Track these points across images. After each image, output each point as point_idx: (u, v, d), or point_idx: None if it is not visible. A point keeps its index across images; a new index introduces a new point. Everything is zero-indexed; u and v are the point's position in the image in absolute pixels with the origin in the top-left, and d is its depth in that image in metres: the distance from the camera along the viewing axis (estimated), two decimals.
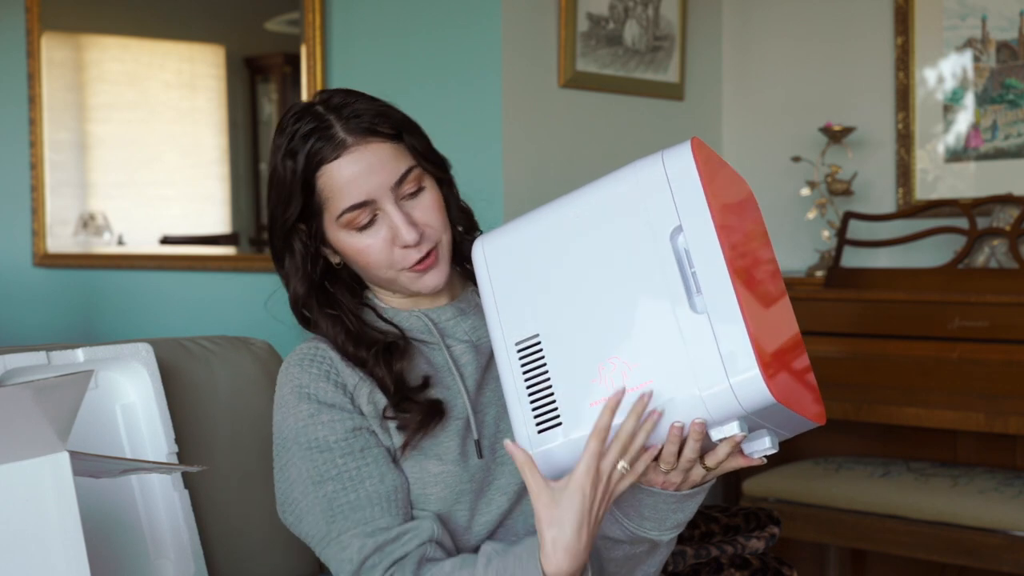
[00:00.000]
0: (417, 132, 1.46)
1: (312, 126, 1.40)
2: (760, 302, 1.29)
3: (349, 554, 1.39)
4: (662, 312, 1.26)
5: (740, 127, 3.64)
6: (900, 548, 2.70)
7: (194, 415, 1.90)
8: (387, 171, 1.40)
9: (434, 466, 1.44)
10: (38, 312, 4.25)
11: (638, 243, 1.29)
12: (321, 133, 1.40)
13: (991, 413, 2.56)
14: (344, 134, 1.39)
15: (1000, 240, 2.94)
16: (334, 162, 1.40)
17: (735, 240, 1.29)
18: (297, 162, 1.41)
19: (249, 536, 1.94)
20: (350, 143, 1.39)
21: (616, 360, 1.27)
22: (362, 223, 1.42)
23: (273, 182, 1.45)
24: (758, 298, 1.29)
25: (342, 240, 1.44)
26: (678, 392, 1.24)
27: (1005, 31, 3.16)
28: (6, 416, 1.12)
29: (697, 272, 1.25)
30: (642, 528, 1.37)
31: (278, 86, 3.69)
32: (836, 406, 2.77)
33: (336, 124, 1.40)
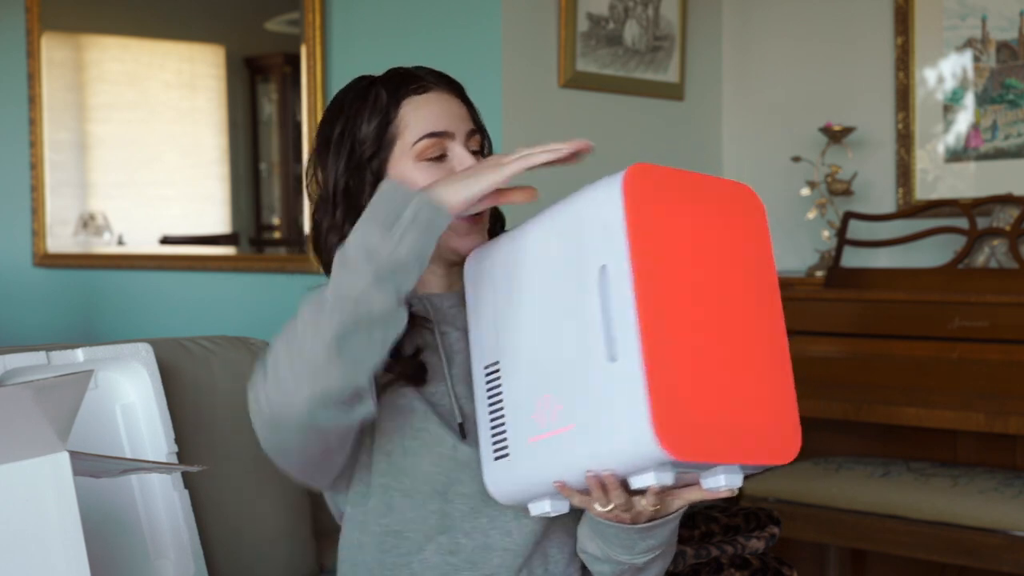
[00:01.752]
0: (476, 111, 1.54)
1: (401, 72, 1.50)
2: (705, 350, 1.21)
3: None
4: (585, 355, 1.21)
5: (740, 127, 3.64)
6: (900, 548, 2.70)
7: (194, 415, 1.90)
8: (463, 121, 1.48)
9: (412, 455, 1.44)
10: (38, 312, 4.25)
11: (573, 278, 1.24)
12: (409, 75, 1.49)
13: (991, 413, 2.56)
14: (431, 80, 1.49)
15: (1000, 240, 2.94)
16: (420, 95, 1.47)
17: (681, 281, 1.21)
18: (385, 90, 1.49)
19: (249, 536, 1.94)
20: (435, 87, 1.49)
21: (549, 399, 1.24)
22: (433, 155, 1.45)
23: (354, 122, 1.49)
24: (702, 346, 1.20)
25: (407, 173, 1.44)
26: (589, 442, 1.20)
27: (1005, 31, 3.16)
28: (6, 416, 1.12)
29: (614, 319, 1.19)
30: (614, 552, 1.37)
31: (278, 86, 3.69)
32: (836, 406, 2.77)
33: (428, 74, 1.50)
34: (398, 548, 1.45)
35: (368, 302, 1.24)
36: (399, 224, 1.25)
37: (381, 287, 1.24)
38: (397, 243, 1.25)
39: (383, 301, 1.25)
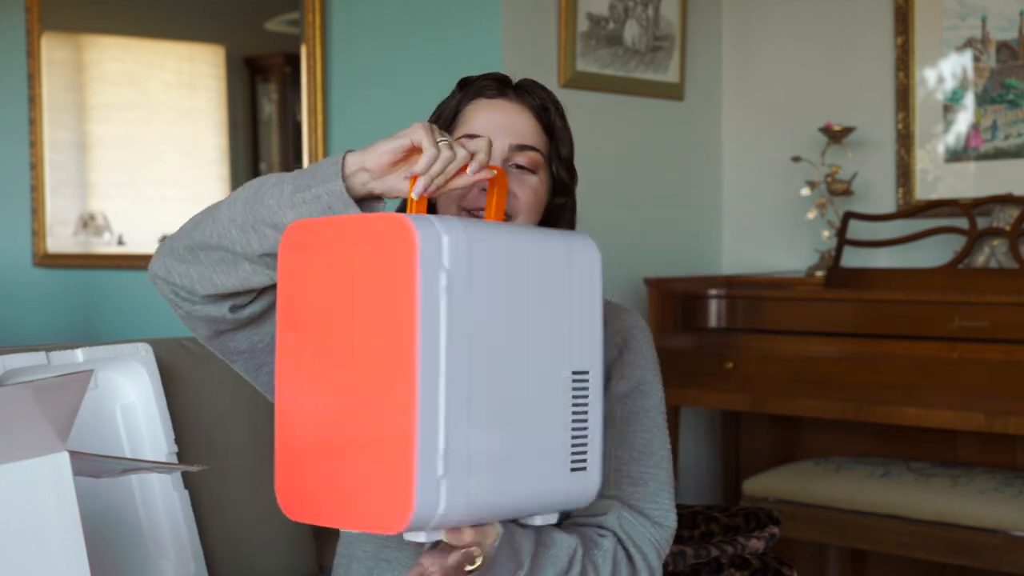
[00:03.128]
0: (569, 143, 1.55)
1: (494, 77, 1.55)
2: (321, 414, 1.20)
3: None
4: None
5: (740, 127, 3.64)
6: (900, 548, 2.71)
7: (194, 415, 1.90)
8: (518, 133, 1.49)
9: None
10: (38, 312, 4.25)
11: None
12: (495, 82, 1.53)
13: (991, 413, 2.56)
14: (510, 92, 1.53)
15: (1000, 240, 2.94)
16: (487, 100, 1.51)
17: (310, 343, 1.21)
18: (463, 90, 1.54)
19: (249, 536, 1.94)
20: (510, 96, 1.52)
21: None
22: None
23: (439, 105, 1.56)
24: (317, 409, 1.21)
25: None
26: None
27: (1005, 31, 3.16)
28: (6, 416, 1.12)
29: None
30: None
31: (278, 86, 3.69)
32: (836, 406, 2.77)
33: (509, 86, 1.54)
34: None
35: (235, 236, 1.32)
36: (305, 195, 1.28)
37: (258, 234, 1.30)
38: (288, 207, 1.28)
39: (251, 245, 1.31)
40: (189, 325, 1.44)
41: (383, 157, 1.26)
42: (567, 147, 1.54)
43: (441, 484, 1.14)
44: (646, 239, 3.39)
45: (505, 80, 1.54)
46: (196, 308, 1.39)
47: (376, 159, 1.26)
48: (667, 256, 3.45)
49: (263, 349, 1.43)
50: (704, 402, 2.99)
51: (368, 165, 1.27)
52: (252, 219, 1.30)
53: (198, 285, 1.36)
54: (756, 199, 3.62)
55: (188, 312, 1.41)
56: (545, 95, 1.54)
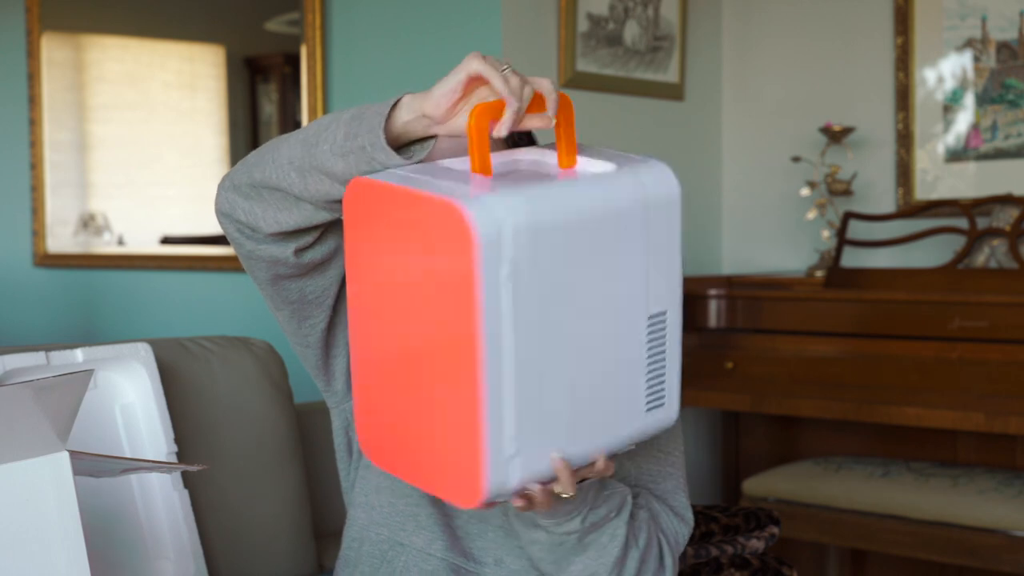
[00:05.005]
0: None
1: None
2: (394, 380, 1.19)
3: None
4: None
5: (740, 127, 3.64)
6: (900, 548, 2.71)
7: (194, 415, 1.91)
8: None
9: None
10: (38, 312, 4.25)
11: None
12: None
13: (991, 413, 2.56)
14: None
15: (1000, 240, 2.94)
16: None
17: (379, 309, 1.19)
18: None
19: (249, 536, 1.94)
20: None
21: None
22: None
23: None
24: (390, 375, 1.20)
25: None
26: None
27: (1005, 31, 3.16)
28: (6, 416, 1.12)
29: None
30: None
31: (278, 86, 3.69)
32: (836, 406, 2.77)
33: None
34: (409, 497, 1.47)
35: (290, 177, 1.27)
36: (352, 144, 1.22)
37: (306, 176, 1.26)
38: (337, 156, 1.24)
39: (307, 187, 1.27)
40: (248, 266, 1.39)
41: (442, 101, 1.19)
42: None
43: (512, 462, 1.13)
44: None
45: None
46: (260, 247, 1.34)
47: (435, 105, 1.19)
48: None
49: (312, 300, 1.41)
50: (704, 402, 2.99)
51: (428, 111, 1.20)
52: (308, 163, 1.25)
53: (262, 223, 1.32)
54: (756, 199, 3.62)
55: (251, 251, 1.35)
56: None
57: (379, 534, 1.50)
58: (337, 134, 1.23)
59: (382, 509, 1.49)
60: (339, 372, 1.49)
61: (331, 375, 1.50)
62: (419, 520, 1.47)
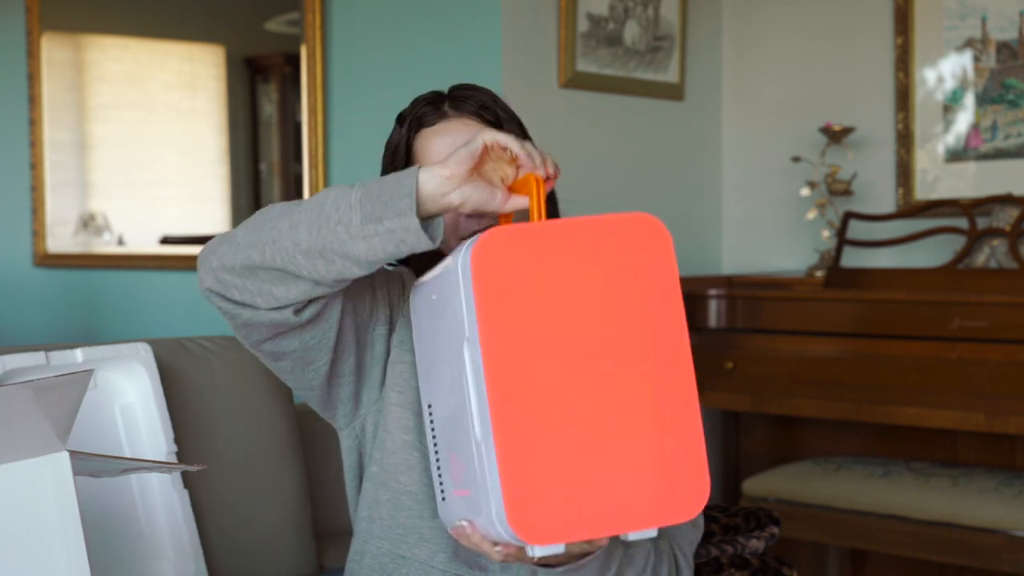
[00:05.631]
0: (520, 128, 1.55)
1: (426, 101, 1.55)
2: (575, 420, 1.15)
3: None
4: (467, 425, 1.17)
5: (740, 127, 3.64)
6: (900, 548, 2.70)
7: (194, 415, 1.90)
8: None
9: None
10: (38, 312, 4.25)
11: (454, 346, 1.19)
12: (430, 106, 1.54)
13: (991, 413, 2.56)
14: (447, 108, 1.53)
15: (1000, 240, 2.94)
16: (430, 127, 1.53)
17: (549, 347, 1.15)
18: (404, 125, 1.55)
19: (249, 536, 1.94)
20: (449, 115, 1.52)
21: (455, 458, 1.22)
22: None
23: (387, 145, 1.57)
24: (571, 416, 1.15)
25: None
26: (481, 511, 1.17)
27: (1005, 31, 3.16)
28: (6, 416, 1.12)
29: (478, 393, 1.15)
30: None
31: (278, 86, 3.69)
32: (836, 406, 2.77)
33: (445, 102, 1.54)
34: (410, 509, 1.47)
35: (301, 262, 1.27)
36: (377, 228, 1.23)
37: (326, 260, 1.26)
38: (360, 239, 1.24)
39: (319, 271, 1.27)
40: (243, 334, 1.39)
41: (463, 163, 1.23)
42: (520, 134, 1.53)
43: None
44: None
45: (438, 99, 1.53)
46: (256, 316, 1.34)
47: (450, 182, 1.23)
48: None
49: (314, 346, 1.40)
50: (704, 402, 2.99)
51: (444, 190, 1.23)
52: (320, 247, 1.25)
53: (259, 299, 1.32)
54: (756, 199, 3.62)
55: (248, 320, 1.35)
56: (480, 94, 1.54)
57: (380, 547, 1.49)
58: (353, 216, 1.23)
59: (382, 522, 1.49)
60: (344, 399, 1.49)
61: (336, 403, 1.50)
62: (422, 533, 1.47)
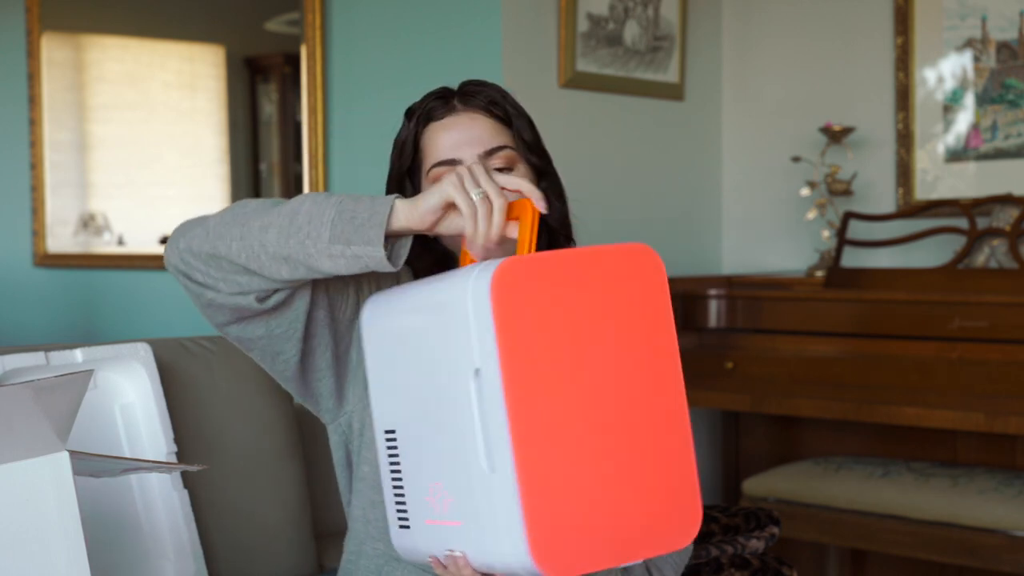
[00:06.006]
0: (529, 125, 1.55)
1: (436, 95, 1.54)
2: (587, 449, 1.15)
3: None
4: (467, 457, 1.16)
5: (740, 127, 3.64)
6: (900, 548, 2.70)
7: (194, 415, 1.90)
8: (481, 140, 1.49)
9: None
10: (38, 312, 4.25)
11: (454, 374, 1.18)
12: (439, 100, 1.53)
13: (991, 413, 2.56)
14: (456, 103, 1.52)
15: (1000, 240, 2.94)
16: (439, 121, 1.51)
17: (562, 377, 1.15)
18: (413, 119, 1.54)
19: (249, 536, 1.94)
20: (458, 109, 1.51)
21: (439, 487, 1.21)
22: None
23: (395, 142, 1.57)
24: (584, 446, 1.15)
25: None
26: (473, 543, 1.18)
27: (1005, 31, 3.16)
28: (6, 416, 1.12)
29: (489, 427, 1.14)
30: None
31: (278, 86, 3.69)
32: (836, 406, 2.77)
33: (454, 96, 1.53)
34: None
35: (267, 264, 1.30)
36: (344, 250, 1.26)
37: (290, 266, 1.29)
38: (326, 257, 1.27)
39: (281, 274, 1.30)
40: (207, 314, 1.41)
41: (426, 218, 1.27)
42: (529, 130, 1.53)
43: None
44: (646, 239, 3.37)
45: (447, 94, 1.53)
46: (219, 297, 1.36)
47: (420, 221, 1.27)
48: (667, 256, 3.42)
49: (280, 336, 1.41)
50: (704, 402, 2.99)
51: (414, 227, 1.27)
52: (286, 254, 1.28)
53: (222, 284, 1.34)
54: (756, 199, 3.62)
55: (211, 300, 1.37)
56: (490, 89, 1.53)
57: (375, 548, 1.49)
58: (322, 232, 1.26)
59: (378, 524, 1.49)
60: (326, 393, 1.49)
61: (318, 397, 1.50)
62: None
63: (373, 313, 1.33)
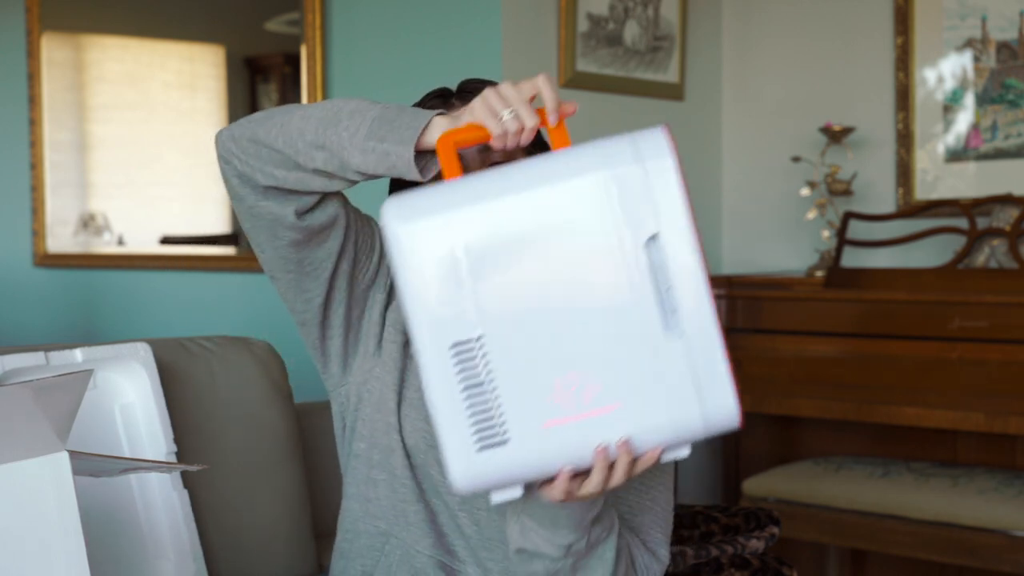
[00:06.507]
0: None
1: (435, 94, 1.56)
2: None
3: None
4: (632, 330, 1.14)
5: (740, 127, 3.64)
6: (900, 548, 2.70)
7: (194, 415, 1.90)
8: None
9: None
10: (38, 312, 4.25)
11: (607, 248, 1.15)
12: (438, 99, 1.55)
13: (991, 413, 2.56)
14: (455, 101, 1.53)
15: (1000, 240, 2.94)
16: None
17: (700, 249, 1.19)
18: None
19: (249, 536, 1.94)
20: (457, 107, 1.51)
21: (573, 378, 1.15)
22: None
23: None
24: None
25: None
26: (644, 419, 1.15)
27: (1005, 31, 3.16)
28: (6, 416, 1.12)
29: (674, 289, 1.14)
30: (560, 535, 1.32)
31: (278, 86, 3.69)
32: (836, 406, 2.77)
33: (454, 96, 1.54)
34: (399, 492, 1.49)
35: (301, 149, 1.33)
36: (376, 145, 1.29)
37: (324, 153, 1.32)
38: (359, 151, 1.29)
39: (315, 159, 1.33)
40: (250, 226, 1.44)
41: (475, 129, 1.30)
42: None
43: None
44: None
45: (446, 93, 1.54)
46: (260, 203, 1.40)
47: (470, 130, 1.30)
48: None
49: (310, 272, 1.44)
50: None
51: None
52: (323, 140, 1.32)
53: (259, 175, 1.38)
54: (756, 199, 3.62)
55: (252, 206, 1.41)
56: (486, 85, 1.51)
57: (376, 526, 1.50)
58: (361, 127, 1.30)
59: (379, 502, 1.49)
60: (334, 353, 1.51)
61: (327, 356, 1.51)
62: (408, 517, 1.48)
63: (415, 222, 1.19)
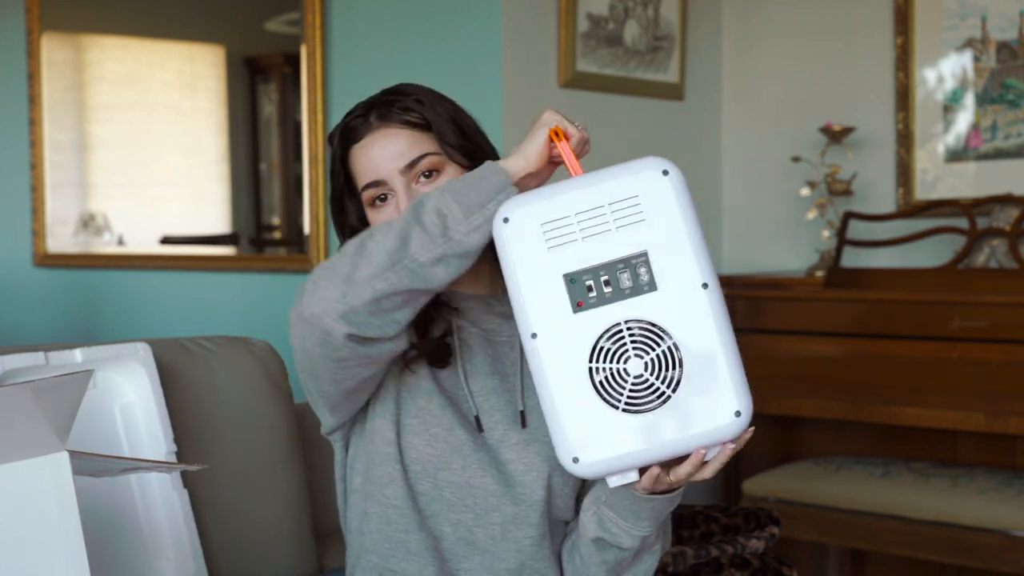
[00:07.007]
0: (454, 123, 1.51)
1: (356, 112, 1.52)
2: None
3: None
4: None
5: (740, 127, 3.64)
6: (900, 548, 2.70)
7: (194, 415, 1.90)
8: (400, 155, 1.48)
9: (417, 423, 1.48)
10: (38, 312, 4.25)
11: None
12: (358, 119, 1.52)
13: (991, 413, 2.56)
14: (373, 120, 1.50)
15: (1000, 240, 2.94)
16: (358, 143, 1.51)
17: None
18: (338, 144, 1.54)
19: (249, 536, 1.94)
20: (374, 127, 1.50)
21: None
22: (380, 199, 1.49)
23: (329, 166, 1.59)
24: None
25: (368, 215, 1.52)
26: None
27: (1005, 31, 3.16)
28: (6, 416, 1.12)
29: None
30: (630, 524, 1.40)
31: (278, 86, 3.69)
32: (836, 406, 2.77)
33: (371, 112, 1.50)
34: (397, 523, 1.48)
35: (427, 274, 1.30)
36: (481, 213, 1.29)
37: (446, 265, 1.30)
38: (472, 231, 1.29)
39: (440, 277, 1.31)
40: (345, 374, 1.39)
41: (543, 155, 1.37)
42: (449, 124, 1.50)
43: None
44: None
45: (366, 111, 1.51)
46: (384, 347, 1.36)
47: (537, 159, 1.36)
48: None
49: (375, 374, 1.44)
50: None
51: (531, 168, 1.35)
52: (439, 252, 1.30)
53: (388, 328, 1.33)
54: (756, 199, 3.62)
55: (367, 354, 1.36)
56: (406, 99, 1.50)
57: (369, 561, 1.50)
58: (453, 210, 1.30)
59: (372, 535, 1.49)
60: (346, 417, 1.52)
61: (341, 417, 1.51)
62: (409, 547, 1.47)
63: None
